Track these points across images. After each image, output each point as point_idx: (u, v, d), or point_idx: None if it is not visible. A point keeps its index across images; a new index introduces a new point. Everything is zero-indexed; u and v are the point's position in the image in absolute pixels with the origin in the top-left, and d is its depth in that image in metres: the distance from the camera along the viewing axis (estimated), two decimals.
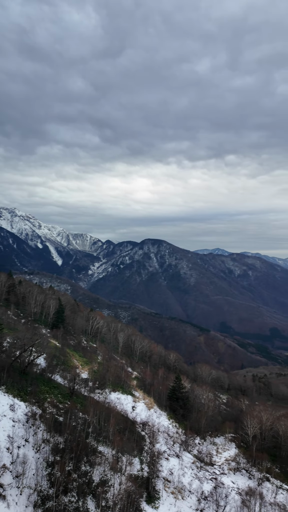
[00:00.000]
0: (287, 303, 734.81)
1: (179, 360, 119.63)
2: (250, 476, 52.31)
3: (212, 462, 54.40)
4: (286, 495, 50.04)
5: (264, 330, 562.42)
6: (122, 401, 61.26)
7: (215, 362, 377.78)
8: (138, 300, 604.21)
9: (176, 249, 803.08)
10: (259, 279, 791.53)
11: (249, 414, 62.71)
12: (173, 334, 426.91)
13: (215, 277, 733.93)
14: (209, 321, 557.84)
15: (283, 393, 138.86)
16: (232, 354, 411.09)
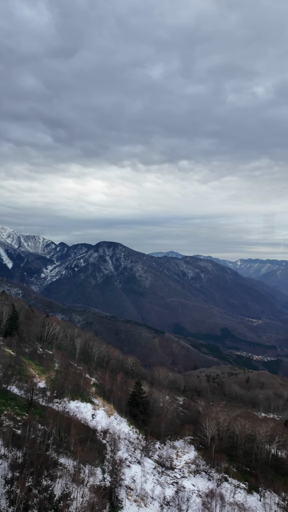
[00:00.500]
0: (237, 304, 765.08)
1: (137, 364, 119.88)
2: (209, 478, 53.53)
3: (173, 466, 54.98)
4: (243, 494, 51.83)
5: (216, 331, 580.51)
6: (81, 410, 60.12)
7: (170, 363, 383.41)
8: (93, 304, 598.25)
9: (132, 252, 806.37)
10: (211, 281, 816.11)
11: (207, 416, 64.25)
12: (129, 337, 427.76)
13: (169, 280, 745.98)
14: (164, 323, 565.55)
15: (236, 392, 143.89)
16: (185, 355, 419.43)
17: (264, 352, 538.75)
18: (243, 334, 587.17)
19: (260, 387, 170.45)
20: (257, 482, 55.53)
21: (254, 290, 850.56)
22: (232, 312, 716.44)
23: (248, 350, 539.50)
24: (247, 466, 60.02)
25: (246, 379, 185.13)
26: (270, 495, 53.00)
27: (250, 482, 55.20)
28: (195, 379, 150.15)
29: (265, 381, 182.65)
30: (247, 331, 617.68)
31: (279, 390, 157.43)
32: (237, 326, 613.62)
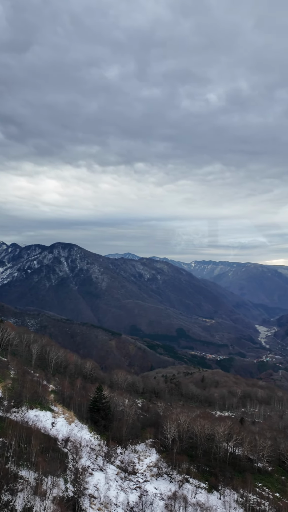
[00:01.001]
0: (191, 304, 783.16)
1: (96, 368, 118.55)
2: (171, 480, 54.13)
3: (135, 470, 54.95)
4: (204, 493, 53.01)
5: (171, 331, 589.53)
6: (41, 418, 58.31)
7: (126, 365, 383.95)
8: (48, 307, 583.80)
9: (88, 253, 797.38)
10: (166, 283, 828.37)
11: (168, 418, 65.00)
12: (85, 340, 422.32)
13: (126, 281, 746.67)
14: (120, 325, 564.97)
15: (192, 392, 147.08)
16: (142, 356, 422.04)
17: (217, 351, 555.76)
18: (197, 334, 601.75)
19: (215, 385, 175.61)
20: (217, 481, 57.07)
21: (207, 290, 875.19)
22: (187, 312, 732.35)
23: (202, 349, 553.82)
24: (207, 466, 61.48)
25: (201, 379, 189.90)
26: (229, 493, 54.68)
27: (210, 481, 56.58)
28: (153, 381, 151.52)
29: (219, 380, 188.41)
30: (201, 330, 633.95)
31: (232, 388, 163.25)
32: (191, 326, 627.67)
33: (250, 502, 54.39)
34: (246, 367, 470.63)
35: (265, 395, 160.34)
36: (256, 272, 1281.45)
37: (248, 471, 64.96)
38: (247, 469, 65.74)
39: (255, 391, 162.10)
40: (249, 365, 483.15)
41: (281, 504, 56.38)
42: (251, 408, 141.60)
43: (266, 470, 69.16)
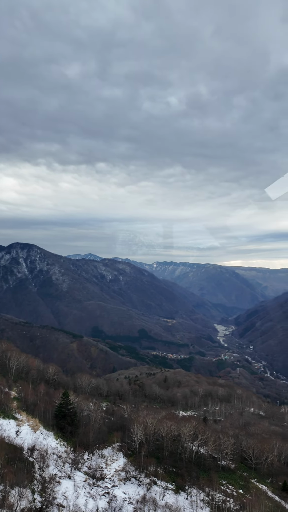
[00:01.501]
0: (153, 305, 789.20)
1: (59, 372, 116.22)
2: (139, 483, 54.31)
3: (103, 475, 54.55)
4: (172, 495, 53.70)
5: (133, 332, 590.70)
6: (4, 427, 56.29)
7: (88, 368, 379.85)
8: (5, 309, 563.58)
9: (48, 254, 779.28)
10: (128, 284, 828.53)
11: (135, 421, 65.12)
12: (45, 343, 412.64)
13: (87, 282, 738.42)
14: (82, 327, 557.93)
15: (156, 393, 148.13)
16: (104, 358, 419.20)
17: (177, 351, 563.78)
18: (159, 334, 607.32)
19: (177, 385, 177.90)
20: (184, 481, 58.03)
21: (169, 291, 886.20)
22: (149, 313, 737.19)
23: (163, 349, 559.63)
24: (174, 467, 62.33)
25: (164, 379, 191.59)
26: (196, 493, 55.79)
27: (177, 482, 57.42)
28: (117, 383, 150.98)
29: (181, 379, 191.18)
30: (163, 331, 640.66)
31: (194, 388, 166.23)
32: (153, 327, 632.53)
33: (216, 501, 55.84)
34: (206, 366, 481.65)
35: (225, 393, 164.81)
36: (215, 273, 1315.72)
37: (213, 470, 66.68)
38: (212, 467, 67.44)
39: (216, 389, 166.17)
40: (209, 364, 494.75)
41: (244, 500, 58.34)
42: (212, 406, 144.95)
43: (229, 467, 71.29)
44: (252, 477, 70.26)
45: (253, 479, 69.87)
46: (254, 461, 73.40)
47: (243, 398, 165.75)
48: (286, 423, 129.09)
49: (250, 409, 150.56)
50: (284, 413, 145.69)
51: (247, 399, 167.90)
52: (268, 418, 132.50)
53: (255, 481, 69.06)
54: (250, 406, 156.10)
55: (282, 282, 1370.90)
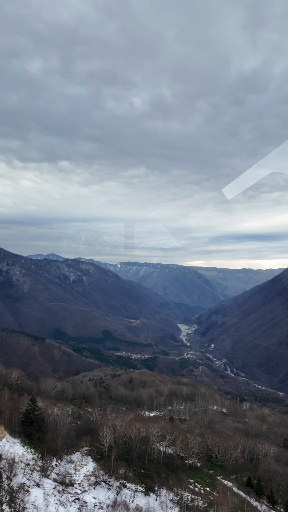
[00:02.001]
0: (117, 305, 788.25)
1: (22, 377, 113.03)
2: (109, 487, 54.07)
3: (72, 481, 53.78)
4: (142, 497, 53.94)
5: (97, 333, 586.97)
6: None
7: (50, 371, 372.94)
8: None
9: (8, 254, 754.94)
10: (92, 284, 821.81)
11: (104, 424, 64.78)
12: (4, 347, 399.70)
13: (50, 283, 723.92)
14: (44, 329, 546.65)
15: (121, 394, 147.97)
16: (67, 360, 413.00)
17: (141, 351, 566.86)
18: (123, 334, 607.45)
19: (142, 386, 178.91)
20: (153, 483, 58.47)
21: (133, 291, 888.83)
22: (113, 313, 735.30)
23: (128, 350, 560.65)
24: (143, 468, 62.63)
25: (129, 380, 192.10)
26: (165, 493, 56.42)
27: (146, 483, 57.75)
28: (83, 386, 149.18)
29: (146, 380, 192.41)
30: (127, 331, 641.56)
31: (160, 387, 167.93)
32: (117, 327, 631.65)
33: (184, 500, 56.78)
34: (169, 365, 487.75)
35: (189, 392, 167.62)
36: (179, 273, 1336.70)
37: (181, 469, 67.80)
38: (180, 467, 68.54)
39: (181, 388, 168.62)
40: (172, 363, 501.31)
41: (212, 497, 59.78)
42: (177, 405, 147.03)
43: (196, 466, 72.73)
44: (218, 474, 72.13)
45: (219, 476, 71.74)
46: (219, 458, 75.42)
47: (206, 396, 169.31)
48: (248, 419, 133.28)
49: (213, 407, 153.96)
50: (245, 409, 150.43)
51: (210, 397, 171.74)
52: (230, 415, 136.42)
53: (221, 478, 70.95)
54: (213, 404, 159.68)
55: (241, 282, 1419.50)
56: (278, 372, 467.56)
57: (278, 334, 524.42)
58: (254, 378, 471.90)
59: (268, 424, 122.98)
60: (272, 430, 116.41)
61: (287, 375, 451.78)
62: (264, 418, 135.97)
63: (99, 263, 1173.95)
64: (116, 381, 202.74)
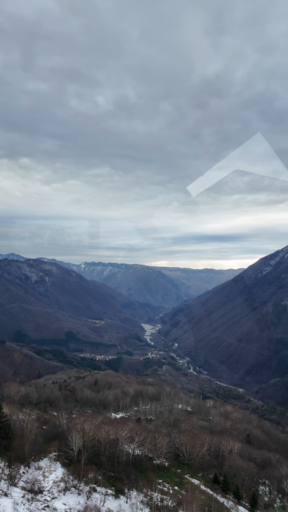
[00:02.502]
0: (81, 306, 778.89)
1: None
2: (79, 492, 53.55)
3: (41, 489, 52.71)
4: (112, 500, 53.91)
5: (60, 335, 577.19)
6: None
7: (11, 375, 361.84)
8: None
9: None
10: (55, 285, 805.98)
11: (73, 429, 64.02)
12: None
13: (10, 284, 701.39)
14: (4, 332, 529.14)
15: (87, 397, 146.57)
16: (29, 363, 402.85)
17: (106, 352, 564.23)
18: (87, 335, 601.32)
19: (108, 387, 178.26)
20: (123, 485, 58.62)
21: (97, 292, 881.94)
22: (77, 314, 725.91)
23: (92, 351, 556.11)
24: (112, 471, 62.58)
25: (94, 382, 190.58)
26: (135, 495, 56.72)
27: (116, 486, 57.79)
28: (47, 390, 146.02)
29: (112, 381, 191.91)
30: (91, 332, 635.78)
31: (125, 388, 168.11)
32: (81, 329, 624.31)
33: (154, 500, 57.40)
34: (133, 365, 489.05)
35: (155, 392, 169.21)
36: (143, 273, 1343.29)
37: (149, 470, 68.42)
38: (148, 468, 69.13)
39: (146, 389, 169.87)
40: (136, 363, 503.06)
41: (180, 496, 60.86)
42: (143, 406, 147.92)
43: (164, 466, 73.66)
44: (185, 473, 73.49)
45: (187, 474, 73.13)
46: (187, 457, 76.88)
47: (171, 395, 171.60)
48: (212, 417, 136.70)
49: (179, 405, 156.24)
50: (209, 407, 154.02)
51: (175, 396, 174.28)
52: (195, 414, 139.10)
53: (188, 477, 72.35)
54: (178, 402, 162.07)
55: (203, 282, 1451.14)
56: (238, 369, 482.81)
57: (239, 332, 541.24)
58: (216, 376, 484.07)
59: (231, 421, 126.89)
60: (235, 426, 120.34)
61: (246, 372, 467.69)
62: (227, 415, 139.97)
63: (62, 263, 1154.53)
64: (81, 383, 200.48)
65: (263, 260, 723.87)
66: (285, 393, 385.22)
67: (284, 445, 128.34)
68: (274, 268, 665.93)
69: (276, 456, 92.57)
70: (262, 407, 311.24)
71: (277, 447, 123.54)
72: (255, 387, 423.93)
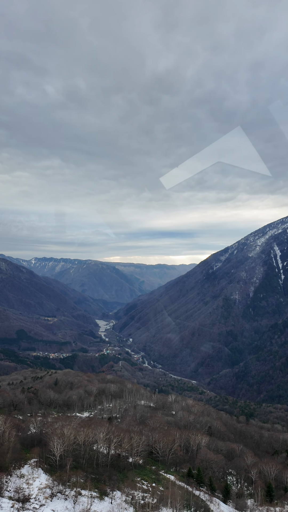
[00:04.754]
0: (33, 303, 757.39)
1: None
2: (65, 497, 54.10)
3: (28, 497, 52.62)
4: (98, 502, 55.12)
5: (11, 333, 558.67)
6: None
7: None
8: None
9: None
10: (4, 282, 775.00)
11: (54, 434, 64.08)
12: None
13: None
14: None
15: (51, 398, 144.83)
16: None
17: (59, 349, 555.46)
18: (39, 333, 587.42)
19: (69, 387, 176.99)
20: (106, 486, 60.02)
21: (49, 288, 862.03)
22: (28, 312, 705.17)
23: (45, 349, 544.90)
24: (93, 473, 63.67)
25: (54, 382, 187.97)
26: (119, 495, 58.40)
27: (100, 488, 59.05)
28: (11, 393, 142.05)
29: (73, 380, 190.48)
30: (43, 330, 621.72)
31: (88, 387, 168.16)
32: (33, 327, 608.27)
33: (136, 499, 59.50)
34: (88, 362, 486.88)
35: (117, 389, 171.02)
36: (96, 268, 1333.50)
37: (127, 469, 70.42)
38: (126, 467, 71.10)
39: (109, 386, 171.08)
40: (92, 360, 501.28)
41: (159, 492, 63.52)
42: (107, 404, 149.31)
43: (139, 464, 76.03)
44: (160, 469, 76.41)
45: (161, 470, 76.06)
46: (160, 454, 79.85)
47: (133, 391, 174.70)
48: (174, 411, 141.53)
49: (141, 401, 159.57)
50: (171, 402, 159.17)
51: (137, 392, 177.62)
52: (159, 409, 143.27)
53: (163, 472, 75.33)
54: (140, 398, 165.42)
55: (156, 277, 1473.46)
56: (191, 362, 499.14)
57: (191, 326, 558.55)
58: (170, 369, 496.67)
59: (193, 414, 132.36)
60: (197, 419, 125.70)
61: (199, 364, 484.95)
62: (189, 408, 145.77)
63: (11, 258, 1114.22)
64: (40, 384, 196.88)
65: (213, 256, 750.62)
66: (235, 383, 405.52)
67: (241, 435, 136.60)
68: (224, 263, 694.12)
69: (239, 447, 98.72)
70: (215, 398, 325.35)
71: (235, 437, 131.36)
72: (207, 378, 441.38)
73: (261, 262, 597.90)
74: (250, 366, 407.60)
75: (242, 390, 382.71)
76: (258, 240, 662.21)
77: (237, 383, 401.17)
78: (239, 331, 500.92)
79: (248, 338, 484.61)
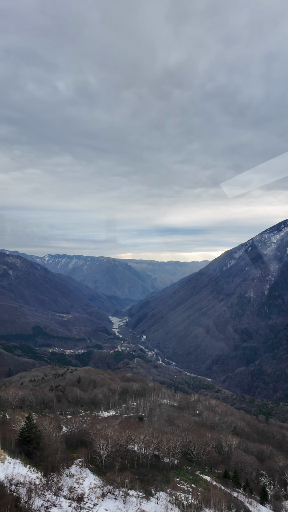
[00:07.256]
0: (47, 300, 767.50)
1: None
2: (115, 497, 56.56)
3: (81, 496, 55.27)
4: (145, 502, 57.48)
5: (27, 330, 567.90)
6: None
7: None
8: None
9: None
10: (20, 278, 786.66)
11: (99, 435, 66.69)
12: None
13: None
14: None
15: (77, 396, 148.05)
16: None
17: (75, 346, 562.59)
18: (54, 330, 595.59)
19: (93, 385, 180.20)
20: (150, 487, 62.38)
21: (63, 285, 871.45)
22: (43, 309, 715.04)
23: (60, 346, 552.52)
24: (136, 474, 66.10)
25: (77, 379, 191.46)
26: (164, 496, 60.70)
27: (145, 488, 61.44)
28: (41, 391, 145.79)
29: (95, 378, 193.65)
30: (58, 326, 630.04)
31: (112, 386, 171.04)
32: (48, 323, 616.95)
33: (179, 499, 61.72)
34: (103, 359, 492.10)
35: (139, 388, 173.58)
36: (109, 265, 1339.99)
37: (165, 470, 72.70)
38: (165, 467, 73.38)
39: (131, 385, 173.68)
40: (107, 356, 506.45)
41: (199, 493, 65.67)
42: (131, 402, 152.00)
43: (176, 464, 78.24)
44: (195, 470, 78.54)
45: (197, 471, 78.20)
46: (195, 454, 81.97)
47: (155, 390, 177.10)
48: (199, 411, 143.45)
49: (163, 400, 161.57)
50: (194, 401, 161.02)
51: (159, 390, 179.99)
52: (184, 409, 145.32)
53: (199, 473, 77.48)
54: (162, 397, 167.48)
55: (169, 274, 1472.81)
56: (205, 359, 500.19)
57: (205, 323, 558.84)
58: (184, 366, 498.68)
59: (219, 414, 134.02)
60: (223, 420, 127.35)
61: (213, 362, 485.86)
62: (213, 408, 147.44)
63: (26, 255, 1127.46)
64: (63, 381, 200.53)
65: (227, 253, 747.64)
66: (250, 382, 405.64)
67: (263, 435, 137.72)
68: (238, 261, 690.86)
69: (269, 448, 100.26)
70: (232, 396, 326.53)
71: (259, 437, 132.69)
72: (222, 376, 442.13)
73: (276, 260, 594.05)
74: (266, 364, 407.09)
75: (258, 388, 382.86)
76: (273, 237, 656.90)
77: (252, 381, 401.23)
78: (254, 329, 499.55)
79: (263, 336, 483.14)
